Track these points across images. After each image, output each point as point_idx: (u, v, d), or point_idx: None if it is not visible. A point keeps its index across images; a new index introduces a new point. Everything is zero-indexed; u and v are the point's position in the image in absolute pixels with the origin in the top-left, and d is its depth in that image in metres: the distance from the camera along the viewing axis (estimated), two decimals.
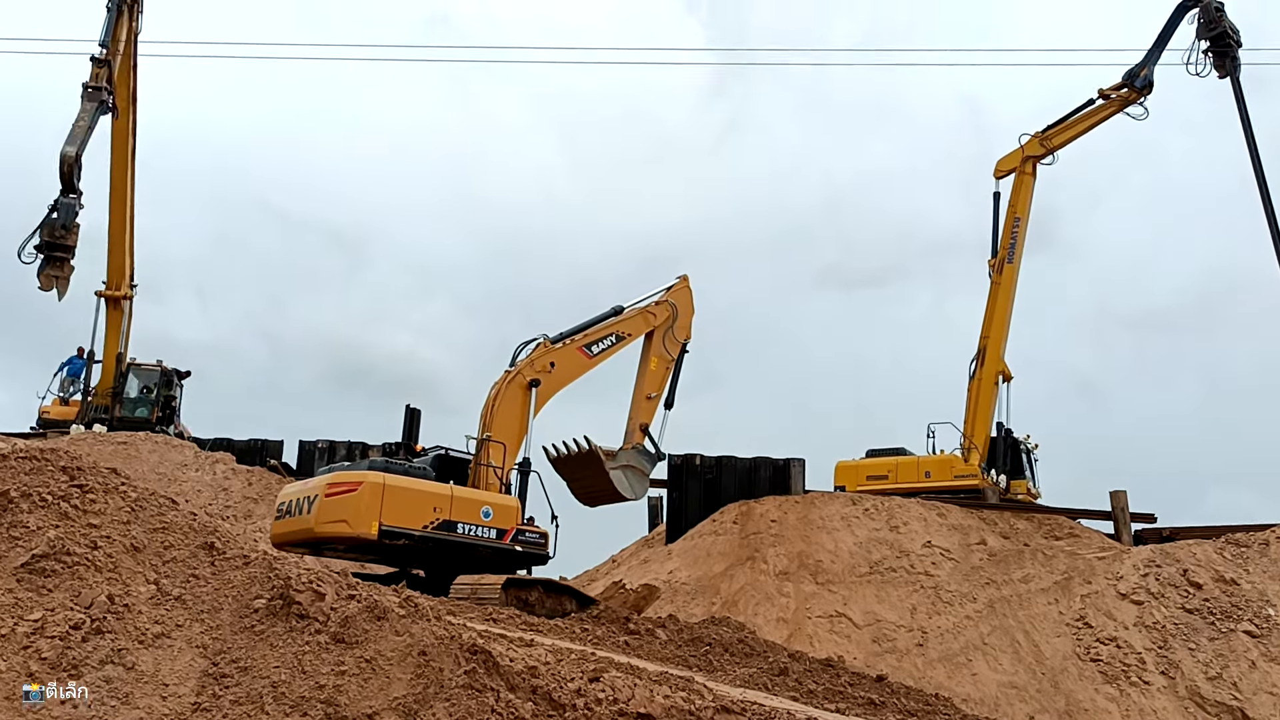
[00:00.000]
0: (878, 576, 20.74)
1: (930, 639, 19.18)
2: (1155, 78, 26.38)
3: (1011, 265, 27.65)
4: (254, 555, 8.54)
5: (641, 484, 19.55)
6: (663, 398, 20.16)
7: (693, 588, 21.55)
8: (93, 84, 25.23)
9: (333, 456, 27.70)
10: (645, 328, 20.01)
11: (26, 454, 8.76)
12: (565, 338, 18.55)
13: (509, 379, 17.63)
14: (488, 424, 17.15)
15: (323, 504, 14.25)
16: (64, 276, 23.97)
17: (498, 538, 15.71)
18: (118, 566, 7.83)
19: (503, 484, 16.80)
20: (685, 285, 20.96)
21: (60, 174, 23.89)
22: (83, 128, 24.63)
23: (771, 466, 24.67)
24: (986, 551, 21.37)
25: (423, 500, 14.94)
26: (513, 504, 16.40)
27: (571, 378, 18.57)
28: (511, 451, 17.19)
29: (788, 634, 19.16)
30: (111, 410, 27.36)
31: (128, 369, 28.10)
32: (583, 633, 13.10)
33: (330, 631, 7.58)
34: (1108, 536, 23.29)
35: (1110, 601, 19.38)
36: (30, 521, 7.93)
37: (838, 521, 22.15)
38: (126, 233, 28.42)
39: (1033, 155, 27.73)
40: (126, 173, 28.11)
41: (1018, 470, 27.41)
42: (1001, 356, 27.66)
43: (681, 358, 20.52)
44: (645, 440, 19.70)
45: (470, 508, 15.48)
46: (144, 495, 8.92)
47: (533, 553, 16.31)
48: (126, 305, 28.44)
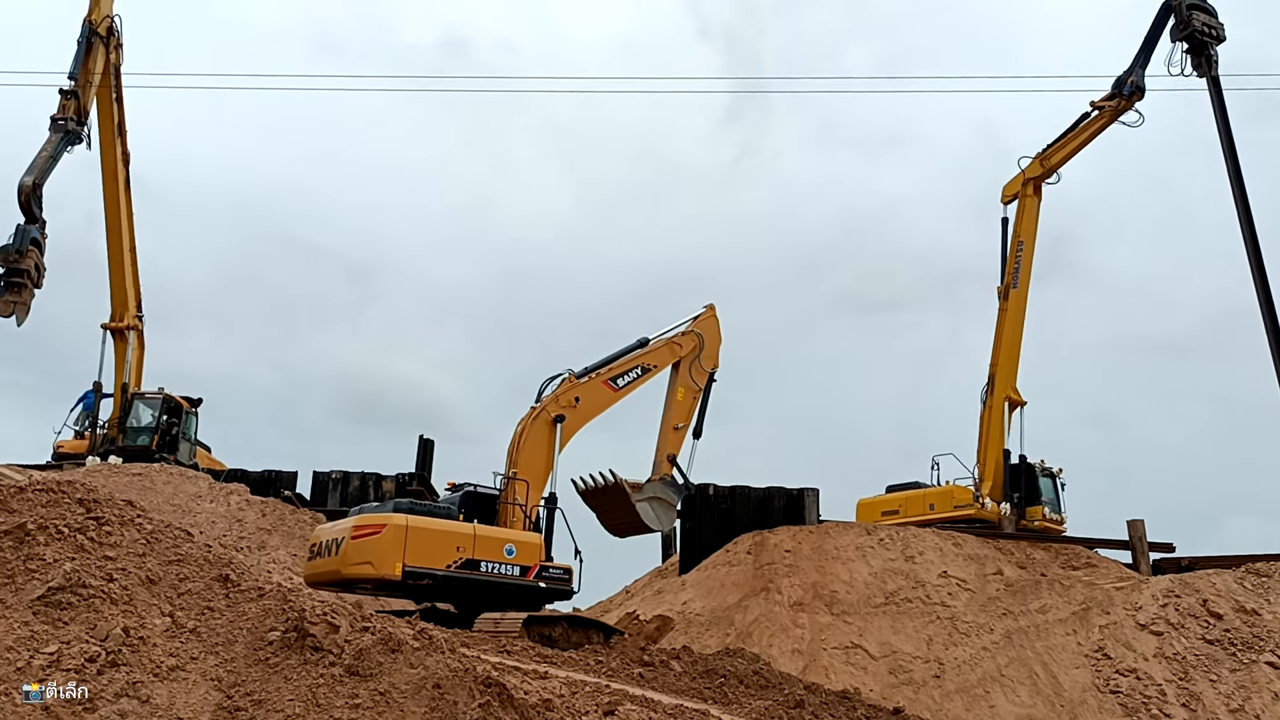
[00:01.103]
0: (893, 607, 20.57)
1: (947, 670, 18.98)
2: (1145, 83, 26.23)
3: (1017, 291, 27.59)
4: (268, 587, 8.54)
5: (669, 515, 19.56)
6: (690, 428, 20.09)
7: (707, 619, 21.41)
8: (59, 115, 25.89)
9: (346, 487, 27.77)
10: (671, 359, 19.96)
11: (43, 486, 8.80)
12: (590, 372, 18.58)
13: (534, 415, 17.69)
14: (514, 460, 17.28)
15: (349, 546, 14.69)
16: (23, 302, 24.34)
17: (521, 575, 15.92)
18: (133, 599, 7.85)
19: (528, 520, 16.91)
20: (712, 314, 20.92)
21: (19, 203, 24.54)
22: (44, 158, 25.27)
23: (785, 496, 24.60)
24: (1003, 582, 21.18)
25: (446, 540, 15.23)
26: (536, 541, 16.53)
27: (597, 411, 18.59)
28: (537, 488, 17.29)
29: (803, 665, 18.99)
30: (116, 440, 27.44)
31: (132, 399, 28.16)
32: (597, 665, 13.03)
33: (345, 664, 7.56)
34: (1126, 566, 23.08)
35: (1129, 632, 19.17)
36: (47, 554, 7.96)
37: (852, 552, 22.00)
38: (125, 263, 28.70)
39: (1033, 177, 27.71)
40: (119, 203, 28.45)
41: (1033, 497, 27.19)
42: (1011, 383, 27.55)
43: (709, 387, 20.41)
44: (673, 471, 19.66)
45: (493, 546, 15.72)
46: (159, 527, 8.95)
47: (556, 589, 16.46)
48: (131, 336, 28.67)
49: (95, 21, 27.24)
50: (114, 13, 27.86)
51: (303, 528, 22.83)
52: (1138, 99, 26.34)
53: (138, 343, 29.14)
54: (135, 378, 28.89)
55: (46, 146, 25.43)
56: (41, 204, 24.88)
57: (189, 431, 28.98)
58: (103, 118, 27.90)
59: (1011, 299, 27.63)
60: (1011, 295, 27.63)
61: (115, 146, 28.16)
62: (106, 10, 27.65)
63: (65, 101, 26.07)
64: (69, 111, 25.93)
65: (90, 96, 26.75)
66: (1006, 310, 27.66)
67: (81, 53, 26.88)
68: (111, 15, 27.76)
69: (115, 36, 27.85)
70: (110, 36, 27.58)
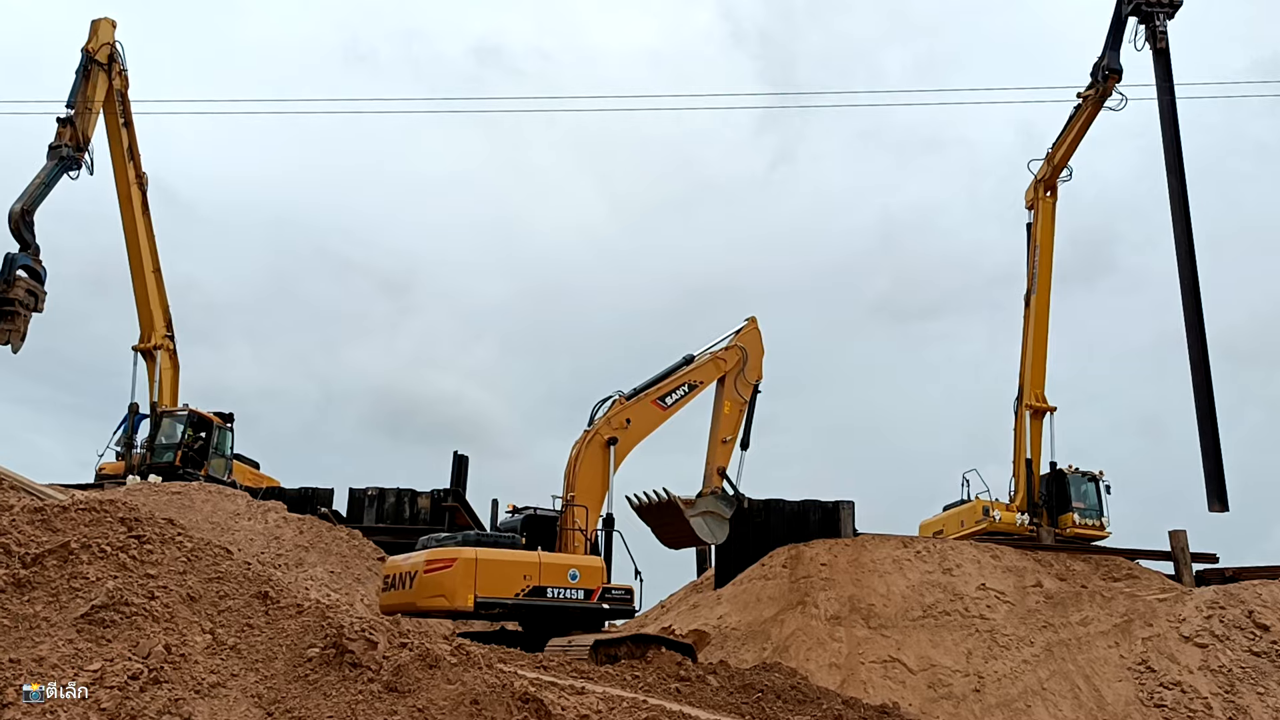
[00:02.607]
0: (931, 620, 20.38)
1: (987, 684, 18.77)
2: (1121, 65, 26.23)
3: (1037, 296, 27.58)
4: (306, 604, 8.60)
5: (722, 528, 19.81)
6: (738, 439, 20.39)
7: (743, 633, 21.31)
8: (56, 143, 26.40)
9: (381, 504, 27.90)
10: (717, 374, 20.28)
11: (86, 505, 8.93)
12: (639, 392, 18.96)
13: (588, 439, 18.11)
14: (571, 484, 17.78)
15: (422, 580, 15.41)
16: (16, 329, 24.63)
17: (585, 598, 16.52)
18: (174, 616, 7.93)
19: (588, 543, 17.46)
20: (754, 327, 21.17)
21: (10, 230, 25.00)
22: (37, 184, 25.75)
23: (821, 509, 24.43)
24: (1043, 594, 20.93)
25: (513, 570, 15.90)
26: (597, 564, 17.04)
27: (648, 431, 18.98)
28: (594, 511, 17.83)
29: (841, 680, 18.85)
30: (146, 459, 27.70)
31: (161, 416, 28.48)
32: (633, 679, 12.99)
33: (383, 680, 7.59)
34: (1168, 577, 22.74)
35: (1173, 644, 18.87)
36: (90, 572, 8.07)
37: (889, 564, 21.84)
38: (150, 285, 29.19)
39: (1043, 178, 27.97)
40: (136, 227, 28.96)
41: (1064, 504, 26.89)
42: (1037, 390, 27.40)
43: (754, 399, 20.72)
44: (723, 484, 19.95)
45: (558, 572, 16.34)
46: (199, 545, 9.04)
47: (619, 609, 17.02)
48: (161, 356, 29.07)
49: (93, 49, 27.81)
50: (114, 40, 28.39)
51: (339, 544, 22.97)
52: (1116, 81, 26.47)
53: (169, 362, 29.53)
54: (169, 396, 29.22)
55: (40, 174, 25.94)
56: (33, 230, 25.29)
57: (223, 447, 29.12)
58: (112, 143, 28.55)
59: (1033, 305, 27.54)
60: (1032, 301, 27.54)
61: (127, 170, 28.77)
62: (105, 38, 28.19)
63: (62, 129, 26.59)
64: (65, 139, 26.44)
65: (91, 123, 27.27)
66: (1029, 317, 27.58)
67: (80, 81, 27.44)
68: (112, 43, 28.30)
69: (118, 63, 28.44)
70: (112, 63, 28.16)
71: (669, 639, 17.29)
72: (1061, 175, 27.94)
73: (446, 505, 26.97)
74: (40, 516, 8.74)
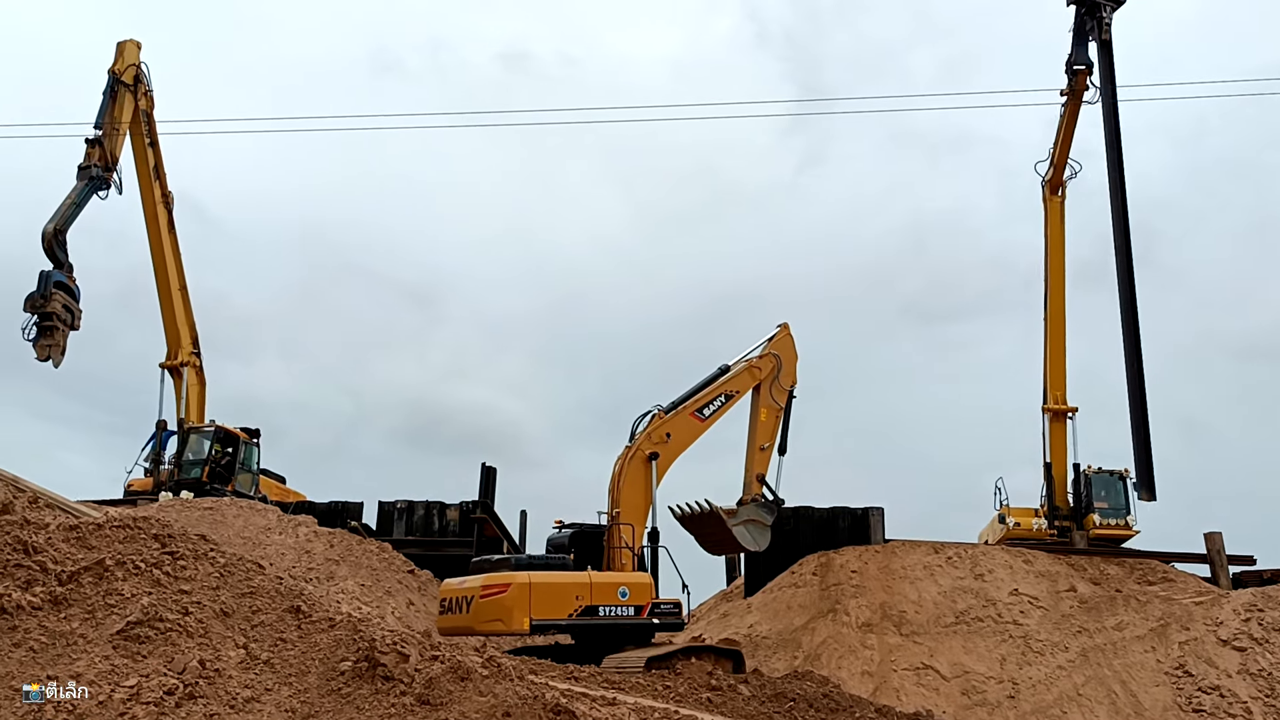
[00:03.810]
0: (964, 626, 20.23)
1: (1022, 690, 18.59)
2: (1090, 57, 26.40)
3: (1051, 297, 27.57)
4: (338, 618, 8.65)
5: (764, 536, 19.91)
6: (775, 445, 20.50)
7: (774, 641, 21.24)
8: (85, 164, 27.03)
9: (410, 516, 27.98)
10: (752, 382, 20.38)
11: (120, 522, 9.03)
12: (677, 405, 19.11)
13: (629, 455, 18.31)
14: (615, 500, 18.03)
15: (479, 605, 15.84)
16: (57, 344, 25.26)
17: (636, 614, 16.89)
18: (208, 631, 7.99)
19: (636, 559, 17.78)
20: (786, 333, 21.25)
21: (43, 249, 25.61)
22: (68, 205, 26.38)
23: (850, 516, 24.28)
24: (1076, 598, 20.72)
25: (566, 591, 16.30)
26: (646, 581, 17.36)
27: (688, 443, 19.16)
28: (640, 528, 18.09)
29: (873, 687, 18.74)
30: (174, 475, 27.96)
31: (188, 433, 28.73)
32: (665, 690, 12.98)
33: (415, 693, 7.62)
34: (1204, 580, 22.45)
35: (1211, 648, 18.64)
36: (125, 589, 8.15)
37: (920, 571, 21.69)
38: (176, 302, 29.53)
39: (1047, 179, 28.09)
40: (162, 245, 29.34)
41: (1087, 506, 26.67)
42: (1056, 393, 27.31)
43: (790, 404, 20.83)
44: (763, 490, 20.06)
45: (608, 590, 16.71)
46: (232, 560, 9.12)
47: (669, 623, 17.34)
48: (187, 372, 29.40)
49: (119, 71, 28.34)
50: (140, 61, 28.92)
51: (369, 558, 23.07)
52: (1088, 74, 26.63)
53: (195, 379, 29.82)
54: (196, 413, 29.49)
55: (71, 194, 26.53)
56: (66, 249, 25.90)
57: (249, 462, 29.30)
58: (138, 162, 29.02)
59: (1047, 306, 27.49)
60: (1048, 302, 27.49)
61: (153, 190, 29.15)
62: (131, 59, 28.72)
63: (91, 150, 27.20)
64: (94, 159, 27.05)
65: (119, 143, 27.84)
66: (1046, 319, 27.55)
67: (107, 102, 27.98)
68: (137, 64, 28.83)
69: (143, 84, 28.96)
70: (138, 84, 28.70)
71: (718, 647, 17.65)
72: (1065, 173, 28.03)
73: (475, 517, 27.01)
74: (75, 534, 8.85)
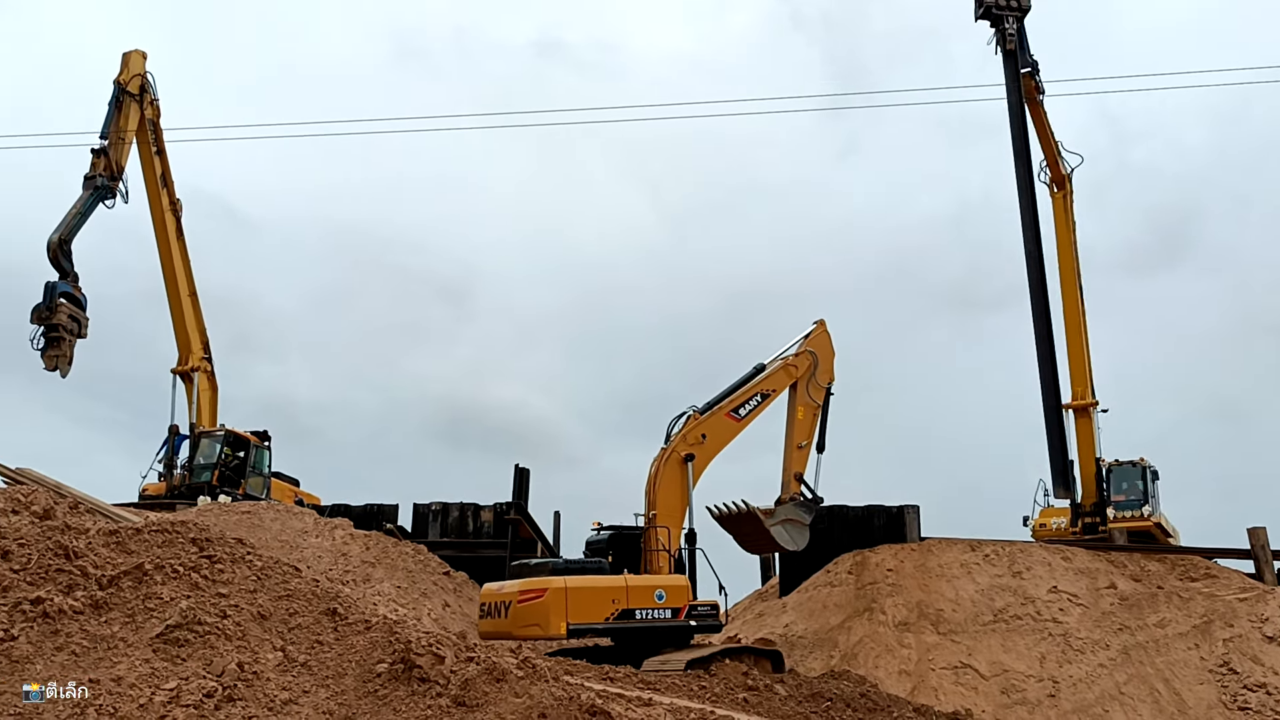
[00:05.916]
0: (1003, 625, 20.01)
1: (1062, 689, 18.37)
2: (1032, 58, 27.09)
3: (1064, 290, 27.30)
4: (374, 620, 8.69)
5: (802, 535, 19.84)
6: (813, 443, 20.36)
7: (810, 641, 21.12)
8: (91, 173, 27.43)
9: (445, 518, 28.10)
10: (789, 381, 20.21)
11: (159, 527, 9.12)
12: (712, 406, 18.98)
13: (665, 457, 18.23)
14: (651, 503, 17.97)
15: (516, 610, 15.92)
16: (64, 354, 25.67)
17: (673, 617, 16.86)
18: (246, 634, 8.05)
19: (672, 561, 17.75)
20: (823, 330, 21.08)
21: (49, 259, 26.02)
22: (73, 214, 26.78)
23: (885, 514, 24.08)
24: (1117, 596, 20.45)
25: (602, 595, 16.32)
26: (683, 583, 17.34)
27: (723, 444, 19.04)
28: (676, 530, 18.03)
29: (911, 687, 18.58)
30: (185, 479, 28.17)
31: (199, 437, 29.00)
32: (701, 690, 12.94)
33: (451, 694, 7.64)
34: (1248, 576, 22.08)
35: (1256, 645, 18.33)
36: (164, 593, 8.23)
37: (957, 569, 21.49)
38: (185, 309, 29.85)
39: (1047, 179, 28.01)
40: (171, 253, 29.66)
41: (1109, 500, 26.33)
42: (1078, 388, 26.99)
43: (827, 401, 20.67)
44: (801, 489, 19.96)
45: (644, 594, 16.72)
46: (269, 564, 9.19)
47: (706, 625, 17.30)
48: (198, 377, 29.73)
49: (125, 81, 28.70)
50: (145, 71, 29.27)
51: (405, 560, 23.19)
52: (1036, 73, 27.14)
53: (206, 384, 30.09)
54: (208, 417, 29.78)
55: (76, 204, 26.92)
56: (71, 259, 26.29)
57: (260, 465, 29.44)
58: (146, 171, 29.37)
59: (1062, 302, 27.26)
60: (1062, 299, 27.25)
61: (160, 197, 29.53)
62: (137, 69, 29.05)
63: (96, 160, 27.57)
64: (100, 169, 27.42)
65: (125, 153, 28.19)
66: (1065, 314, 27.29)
67: (112, 112, 28.38)
68: (143, 74, 29.17)
69: (149, 93, 29.35)
70: (144, 94, 29.08)
71: (758, 647, 17.54)
72: (1063, 169, 27.87)
73: (509, 519, 27.10)
74: (115, 539, 8.95)
